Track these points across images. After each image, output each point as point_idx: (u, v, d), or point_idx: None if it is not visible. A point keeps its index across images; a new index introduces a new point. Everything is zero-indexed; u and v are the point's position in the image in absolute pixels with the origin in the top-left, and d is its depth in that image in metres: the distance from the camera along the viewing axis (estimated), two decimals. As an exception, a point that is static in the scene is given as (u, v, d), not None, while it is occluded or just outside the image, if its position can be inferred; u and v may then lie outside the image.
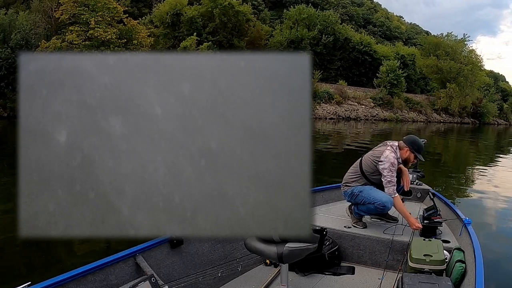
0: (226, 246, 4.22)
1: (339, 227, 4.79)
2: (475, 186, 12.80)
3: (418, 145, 4.83)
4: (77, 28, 37.67)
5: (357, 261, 4.63)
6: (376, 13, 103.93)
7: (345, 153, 19.52)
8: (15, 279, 4.76)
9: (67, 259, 5.58)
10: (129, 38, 40.00)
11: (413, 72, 71.84)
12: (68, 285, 2.84)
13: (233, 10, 53.13)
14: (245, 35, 56.06)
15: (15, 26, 35.11)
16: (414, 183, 6.06)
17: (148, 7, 60.92)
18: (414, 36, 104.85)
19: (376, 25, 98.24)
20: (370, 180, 4.84)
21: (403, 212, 4.63)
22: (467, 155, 24.06)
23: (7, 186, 9.78)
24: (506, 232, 7.61)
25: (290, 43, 60.03)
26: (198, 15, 52.33)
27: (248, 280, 4.18)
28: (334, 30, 62.93)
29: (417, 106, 64.41)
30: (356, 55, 66.15)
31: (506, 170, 16.90)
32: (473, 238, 4.10)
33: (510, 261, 6.01)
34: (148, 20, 53.04)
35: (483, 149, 28.63)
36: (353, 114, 54.83)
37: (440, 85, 67.62)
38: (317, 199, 5.67)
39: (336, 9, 75.98)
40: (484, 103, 73.63)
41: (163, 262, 3.61)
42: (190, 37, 47.17)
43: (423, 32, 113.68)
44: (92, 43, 37.37)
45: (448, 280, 3.42)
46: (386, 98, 58.97)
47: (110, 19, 38.57)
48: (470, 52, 69.11)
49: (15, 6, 42.79)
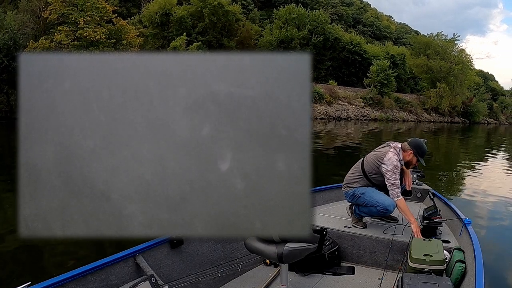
0: (226, 246, 4.23)
1: (339, 227, 4.79)
2: (470, 185, 12.81)
3: (423, 149, 4.79)
4: (66, 28, 37.38)
5: (357, 261, 4.64)
6: (366, 12, 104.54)
7: (336, 154, 19.52)
8: (15, 279, 4.78)
9: (67, 259, 5.54)
10: (119, 38, 39.76)
11: (403, 72, 72.24)
12: (68, 285, 2.84)
13: (222, 10, 53.12)
14: (235, 35, 56.07)
15: (3, 26, 34.78)
16: (414, 183, 6.05)
17: (137, 7, 60.78)
18: (404, 35, 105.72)
19: (366, 25, 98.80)
20: (372, 181, 4.82)
21: (408, 216, 4.57)
22: (458, 154, 24.17)
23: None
24: (506, 232, 7.63)
25: (280, 43, 60.11)
26: (188, 15, 52.25)
27: (248, 280, 4.19)
28: (324, 30, 63.08)
29: (408, 106, 64.82)
30: (346, 55, 66.33)
31: (501, 170, 16.99)
32: (473, 238, 4.10)
33: (510, 261, 6.01)
34: (137, 20, 52.81)
35: (473, 148, 28.81)
36: (343, 114, 54.99)
37: (430, 84, 68.11)
38: (317, 199, 5.68)
39: (325, 9, 76.21)
40: (474, 103, 74.34)
41: (163, 262, 3.61)
42: (180, 37, 47.07)
43: (412, 31, 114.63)
44: (81, 43, 37.12)
45: (448, 280, 3.41)
46: (376, 98, 59.24)
47: (99, 19, 38.30)
48: (460, 52, 69.79)
49: (3, 5, 42.35)
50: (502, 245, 6.65)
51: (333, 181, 5.15)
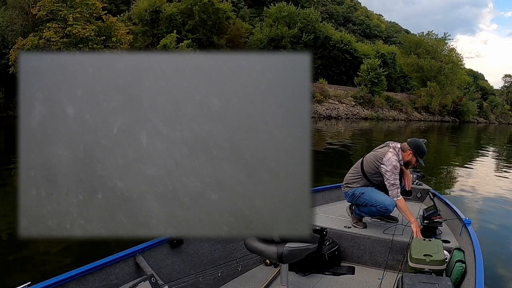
0: (226, 246, 4.24)
1: (339, 227, 4.81)
2: (467, 185, 12.86)
3: (422, 150, 4.81)
4: (55, 25, 37.02)
5: (357, 261, 4.66)
6: (356, 11, 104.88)
7: (327, 153, 19.49)
8: (15, 279, 4.75)
9: (67, 259, 5.56)
10: (108, 36, 39.48)
11: (393, 71, 72.61)
12: (68, 285, 2.85)
13: (213, 8, 53.02)
14: (225, 33, 55.98)
15: (-9, 23, 34.45)
16: (414, 183, 6.10)
17: (126, 4, 60.41)
18: (394, 34, 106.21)
19: (356, 24, 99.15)
20: (371, 181, 4.84)
21: (408, 216, 4.58)
22: (448, 152, 24.29)
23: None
24: (506, 232, 7.66)
25: (270, 41, 60.15)
26: (178, 12, 52.06)
27: (248, 280, 4.21)
28: (314, 28, 63.28)
29: (398, 105, 65.13)
30: (337, 54, 66.46)
31: (501, 169, 17.07)
32: (473, 238, 4.12)
33: (510, 261, 6.03)
34: (126, 17, 52.51)
35: (464, 147, 28.96)
36: (334, 112, 55.19)
37: (420, 83, 68.61)
38: (317, 199, 5.71)
39: (316, 7, 76.25)
40: (464, 102, 74.85)
41: (163, 262, 3.62)
42: (170, 34, 46.93)
43: (402, 30, 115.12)
44: (70, 40, 36.80)
45: (448, 280, 3.42)
46: (367, 96, 59.49)
47: (88, 16, 38.02)
48: (451, 51, 70.34)
49: (-10, 2, 41.96)
50: (502, 245, 6.68)
51: (325, 181, 5.15)
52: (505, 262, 5.94)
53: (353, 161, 6.21)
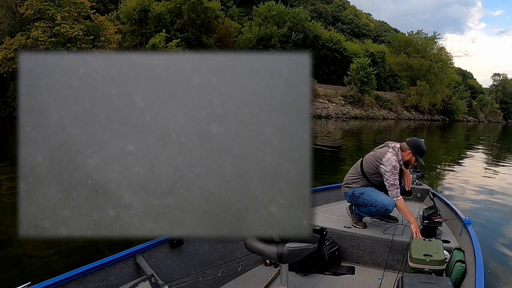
0: (226, 246, 4.26)
1: (339, 227, 4.82)
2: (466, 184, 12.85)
3: (421, 149, 4.82)
4: (43, 24, 36.68)
5: (357, 261, 4.66)
6: (345, 10, 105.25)
7: (316, 152, 19.49)
8: (15, 279, 4.77)
9: (67, 259, 5.51)
10: (97, 35, 39.23)
11: (383, 70, 73.06)
12: (68, 285, 2.85)
13: (201, 7, 52.87)
14: (214, 32, 55.91)
15: (-22, 23, 34.08)
16: (414, 183, 6.13)
17: (114, 3, 60.06)
18: (383, 33, 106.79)
19: (345, 23, 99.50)
20: (371, 181, 4.85)
21: (408, 216, 4.59)
22: (437, 151, 24.39)
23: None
24: (506, 232, 7.68)
25: (260, 40, 60.17)
26: (166, 11, 51.84)
27: (248, 280, 4.22)
28: (304, 28, 63.37)
29: (388, 104, 65.55)
30: (326, 53, 66.65)
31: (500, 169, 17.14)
32: (473, 238, 4.13)
33: (510, 261, 6.03)
34: (114, 17, 52.20)
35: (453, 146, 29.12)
36: (323, 112, 55.35)
37: (410, 82, 69.11)
38: (317, 199, 5.74)
39: (305, 6, 76.30)
40: (453, 100, 75.49)
41: (163, 262, 3.64)
42: (159, 34, 46.72)
43: (391, 29, 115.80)
44: (58, 40, 36.51)
45: (448, 280, 3.41)
46: (356, 96, 59.76)
47: (76, 15, 37.74)
48: (440, 50, 70.92)
49: (-23, 1, 41.48)
50: (502, 245, 6.68)
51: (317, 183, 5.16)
52: (505, 262, 5.95)
53: (344, 161, 6.21)
